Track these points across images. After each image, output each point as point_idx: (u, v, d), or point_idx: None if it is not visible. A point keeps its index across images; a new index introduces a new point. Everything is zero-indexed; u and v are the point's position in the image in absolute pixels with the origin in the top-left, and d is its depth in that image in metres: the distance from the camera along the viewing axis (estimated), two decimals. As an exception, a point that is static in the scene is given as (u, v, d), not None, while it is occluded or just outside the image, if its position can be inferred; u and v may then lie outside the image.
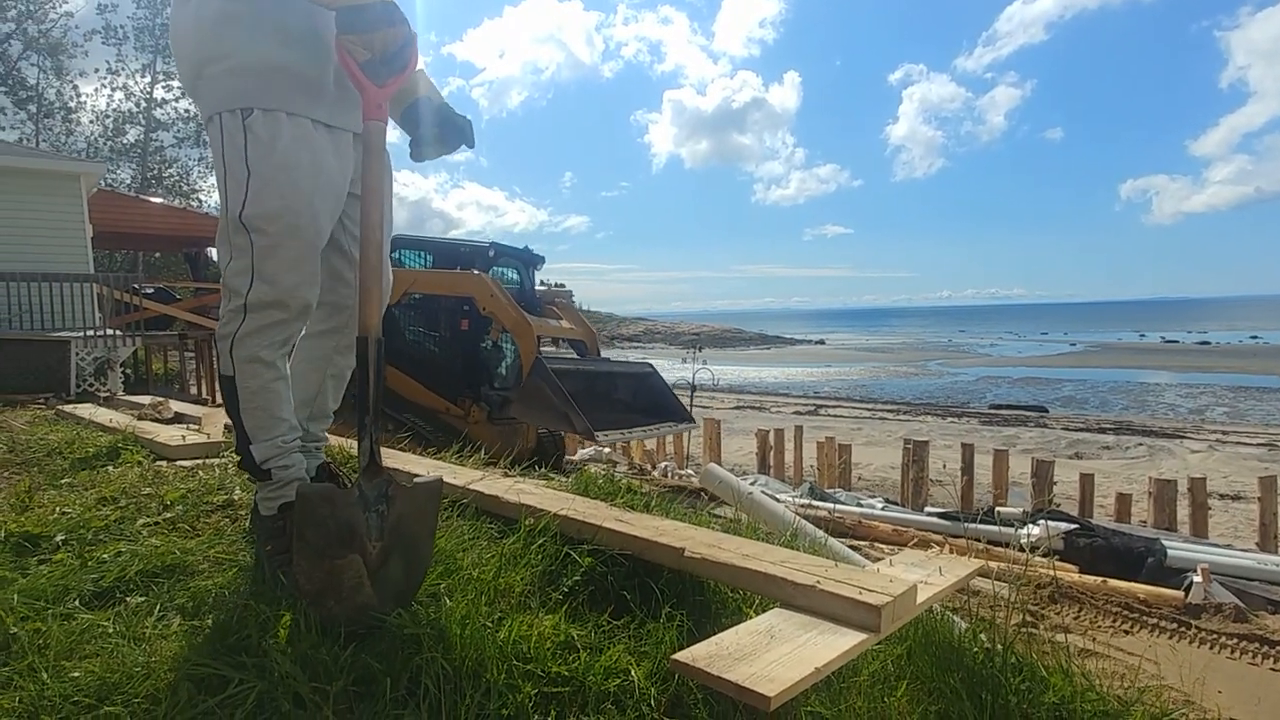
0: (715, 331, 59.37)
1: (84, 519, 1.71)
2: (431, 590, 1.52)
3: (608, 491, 2.17)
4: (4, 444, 2.99)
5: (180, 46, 1.48)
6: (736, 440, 13.84)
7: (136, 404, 4.06)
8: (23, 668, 1.17)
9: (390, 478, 1.39)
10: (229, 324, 1.50)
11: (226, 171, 1.45)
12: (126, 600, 1.40)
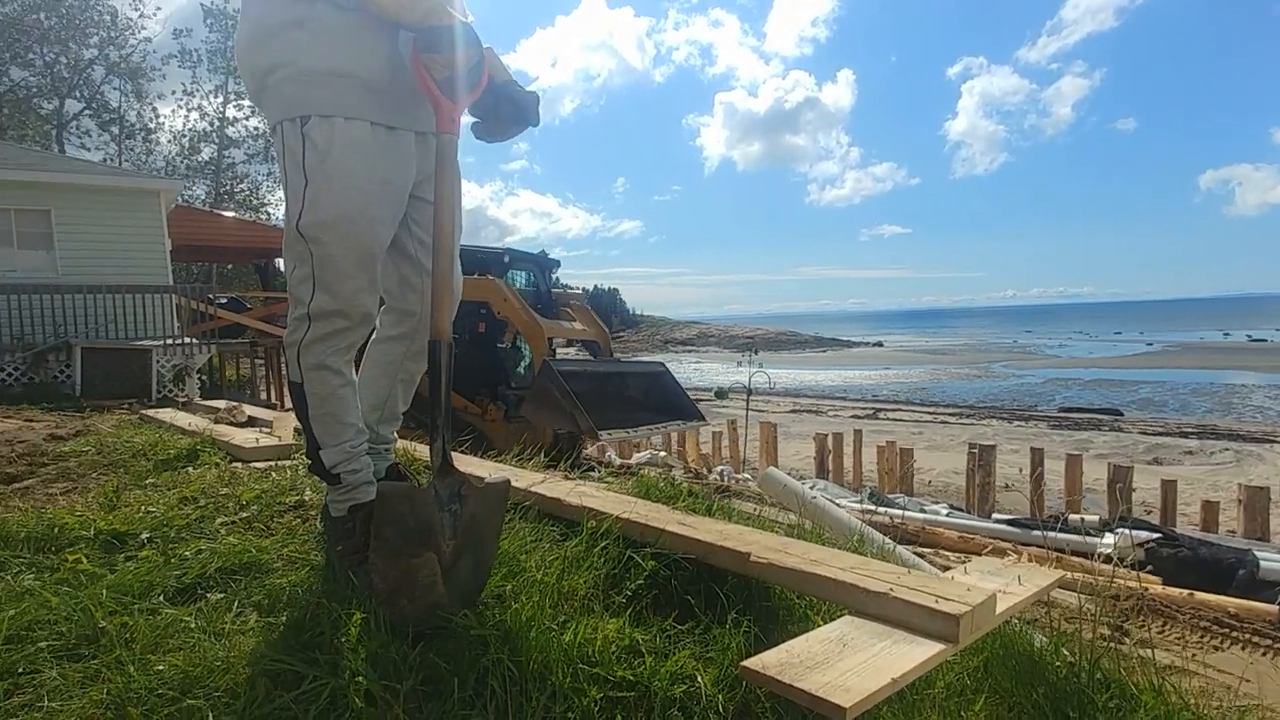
0: (770, 334, 58.72)
1: (167, 518, 1.78)
2: (496, 592, 1.53)
3: (669, 495, 2.15)
4: (93, 446, 3.15)
5: (244, 58, 1.52)
6: (793, 444, 13.65)
7: (213, 408, 4.23)
8: (110, 661, 1.22)
9: (464, 478, 1.41)
10: (295, 332, 1.54)
11: (287, 180, 1.48)
12: (207, 596, 1.45)
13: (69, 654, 1.23)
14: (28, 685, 1.16)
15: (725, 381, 29.12)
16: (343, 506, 1.60)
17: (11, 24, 27.92)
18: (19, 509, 2.34)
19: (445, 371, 1.45)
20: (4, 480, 2.85)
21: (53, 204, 13.63)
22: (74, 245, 13.79)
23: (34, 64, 29.46)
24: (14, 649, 1.21)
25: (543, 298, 8.82)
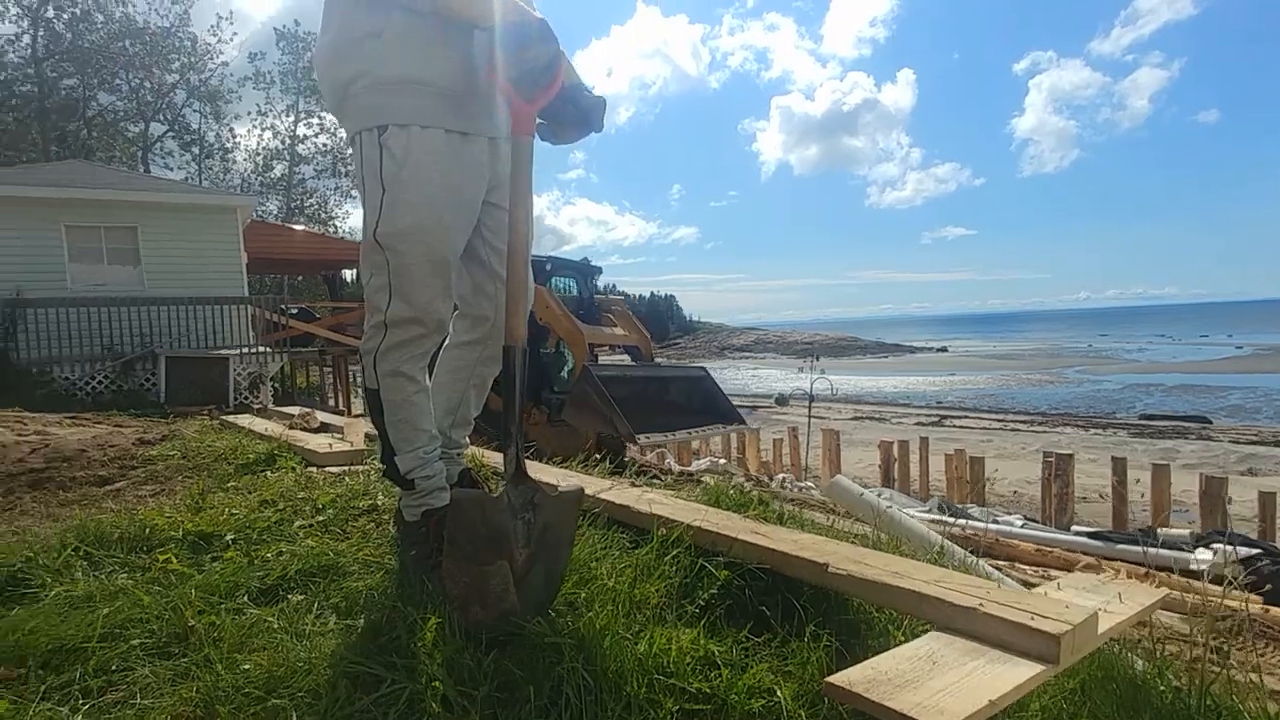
0: (829, 340, 57.75)
1: (249, 520, 1.83)
2: (568, 599, 1.52)
3: (739, 503, 2.11)
4: (178, 451, 3.28)
5: (324, 71, 1.56)
6: (855, 452, 13.35)
7: (287, 414, 4.37)
8: (199, 659, 1.25)
9: (537, 485, 1.40)
10: (371, 339, 1.55)
11: (365, 190, 1.50)
12: (288, 598, 1.47)
13: (160, 652, 1.27)
14: (121, 682, 1.19)
15: (785, 388, 28.73)
16: (416, 511, 1.61)
17: (99, 52, 29.69)
18: (111, 510, 2.45)
19: (520, 377, 1.44)
20: (97, 483, 3.00)
21: (139, 221, 14.39)
22: (158, 260, 14.52)
23: (121, 89, 31.27)
24: (109, 646, 1.25)
25: (585, 304, 9.03)
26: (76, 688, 1.16)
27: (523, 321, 1.45)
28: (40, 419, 7.32)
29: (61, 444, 4.44)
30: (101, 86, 30.81)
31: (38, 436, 5.54)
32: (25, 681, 1.18)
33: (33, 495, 2.83)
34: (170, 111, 32.52)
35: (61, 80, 29.76)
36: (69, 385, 12.73)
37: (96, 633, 1.26)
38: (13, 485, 3.04)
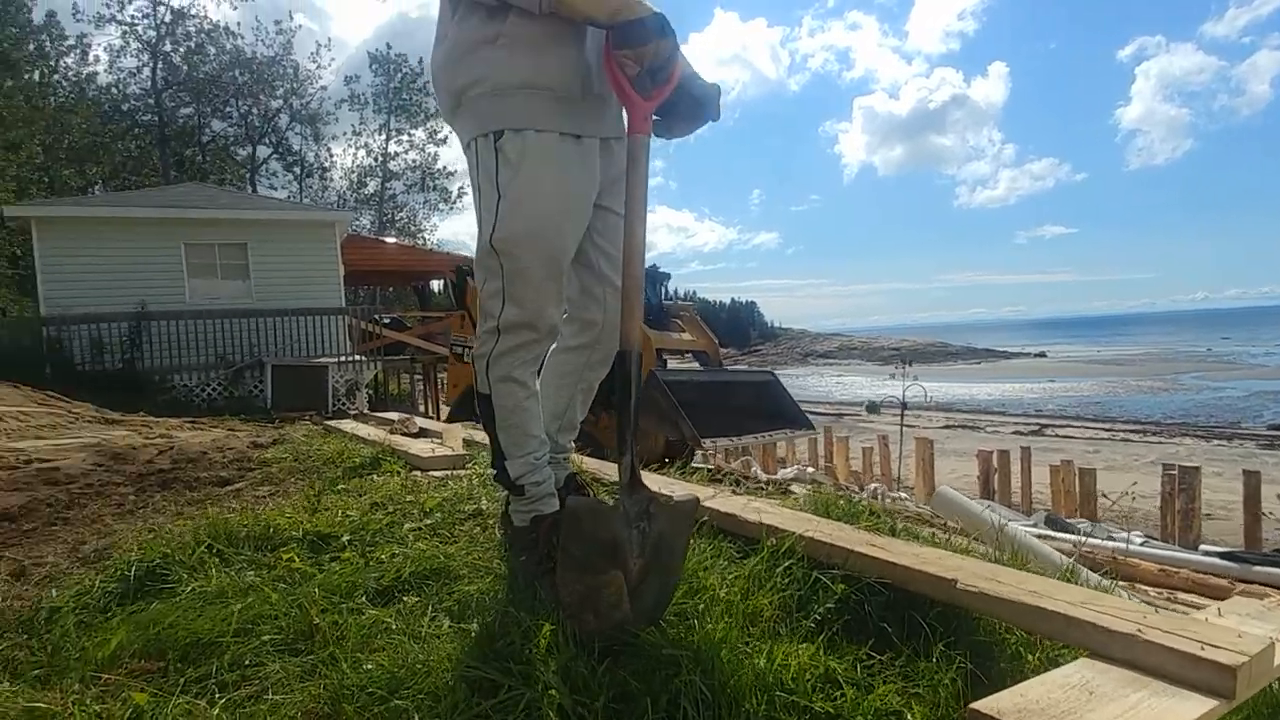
0: (917, 345, 55.78)
1: (363, 522, 1.87)
2: (679, 609, 1.48)
3: (848, 514, 2.02)
4: (290, 454, 3.43)
5: (440, 78, 1.58)
6: (948, 462, 12.80)
7: (387, 420, 4.52)
8: (325, 657, 1.27)
9: (652, 494, 1.37)
10: (484, 345, 1.55)
11: (480, 196, 1.50)
12: (404, 599, 1.49)
13: (289, 648, 1.30)
14: (254, 677, 1.23)
15: (871, 395, 27.93)
16: (525, 517, 1.61)
17: (212, 82, 31.89)
18: (234, 509, 2.58)
19: (635, 383, 1.42)
20: (219, 483, 3.16)
21: (249, 238, 15.31)
22: (265, 274, 15.41)
23: (231, 116, 33.49)
24: (241, 642, 1.29)
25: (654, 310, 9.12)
26: (213, 681, 1.20)
27: (638, 326, 1.43)
28: (163, 423, 7.86)
29: (185, 447, 4.74)
30: (214, 114, 33.09)
31: (162, 439, 5.93)
32: (165, 674, 1.23)
33: (162, 494, 3.02)
34: (275, 135, 34.58)
35: (179, 109, 32.12)
36: (186, 392, 13.66)
37: (231, 628, 1.30)
38: (144, 485, 3.25)
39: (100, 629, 1.38)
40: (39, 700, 1.14)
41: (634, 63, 1.39)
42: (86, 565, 1.83)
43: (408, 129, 36.68)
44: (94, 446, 5.30)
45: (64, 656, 1.30)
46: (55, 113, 27.65)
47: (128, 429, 7.10)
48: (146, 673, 1.22)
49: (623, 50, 1.38)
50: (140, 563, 1.58)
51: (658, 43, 1.37)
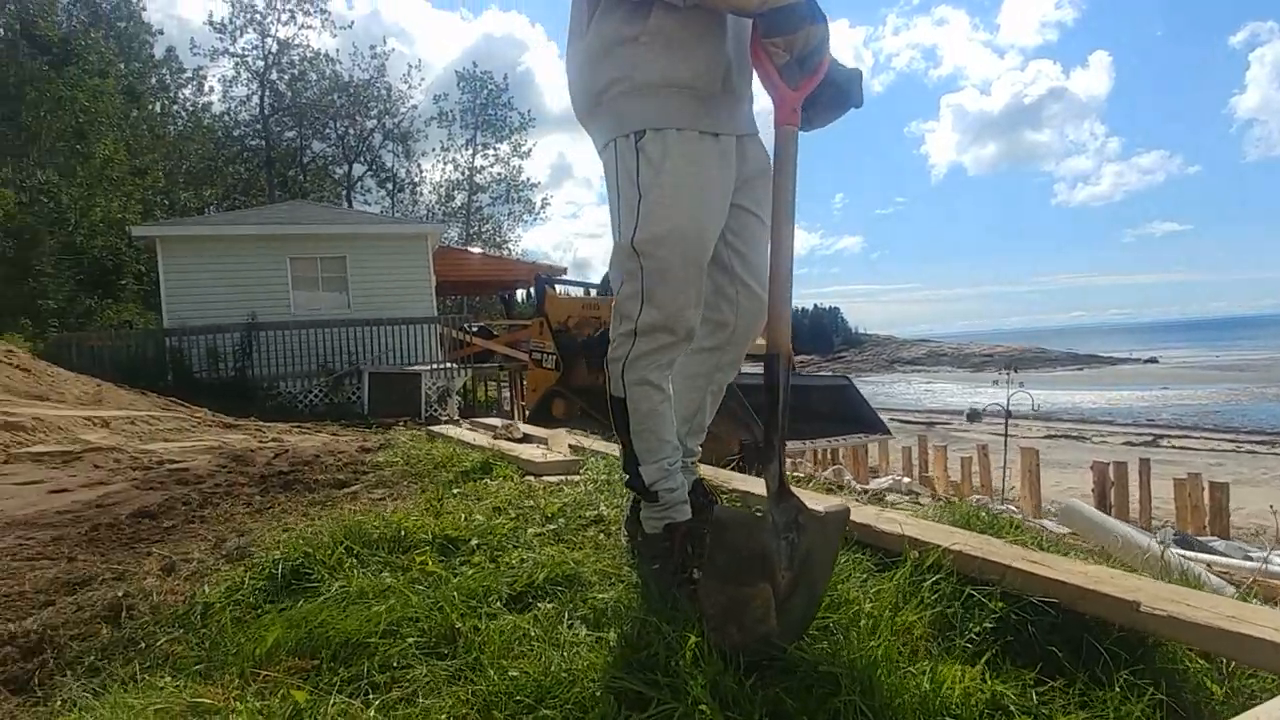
0: (1012, 351, 53.10)
1: (489, 526, 1.88)
2: (820, 624, 1.40)
3: (989, 525, 1.89)
4: (401, 458, 3.52)
5: (578, 79, 1.56)
6: (1051, 474, 12.08)
7: (490, 425, 4.59)
8: (469, 662, 1.26)
9: (801, 505, 1.31)
10: (620, 347, 1.53)
11: (620, 197, 1.47)
12: (538, 606, 1.47)
13: (432, 651, 1.30)
14: (403, 679, 1.23)
15: (963, 402, 26.79)
16: (658, 524, 1.57)
17: (313, 106, 33.72)
18: (353, 510, 2.65)
19: (784, 388, 1.36)
20: (336, 485, 3.27)
21: (348, 251, 16.04)
22: (363, 285, 16.10)
23: (330, 137, 35.30)
24: (389, 643, 1.30)
25: None
26: (365, 682, 1.20)
27: (787, 329, 1.37)
28: (273, 427, 8.29)
29: (298, 450, 4.96)
30: (314, 136, 34.97)
31: (275, 443, 6.24)
32: (319, 673, 1.24)
33: (285, 495, 3.14)
34: (369, 153, 36.23)
35: (283, 133, 34.09)
36: (291, 398, 14.40)
37: (379, 629, 1.31)
38: (267, 486, 3.40)
39: (253, 625, 1.41)
40: (203, 695, 1.17)
41: (784, 51, 1.34)
42: (230, 562, 1.91)
43: (493, 143, 37.79)
44: (216, 449, 5.62)
45: (222, 652, 1.34)
46: (175, 140, 29.84)
47: (243, 433, 7.52)
48: (301, 670, 1.24)
49: (772, 38, 1.33)
50: (285, 561, 1.62)
51: (809, 29, 1.32)
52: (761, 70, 1.38)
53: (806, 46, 1.34)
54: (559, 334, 9.29)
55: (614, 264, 1.52)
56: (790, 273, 1.39)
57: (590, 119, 1.55)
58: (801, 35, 1.33)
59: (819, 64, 1.37)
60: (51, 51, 21.96)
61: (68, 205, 21.31)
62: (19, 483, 3.72)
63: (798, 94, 1.36)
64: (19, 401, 6.82)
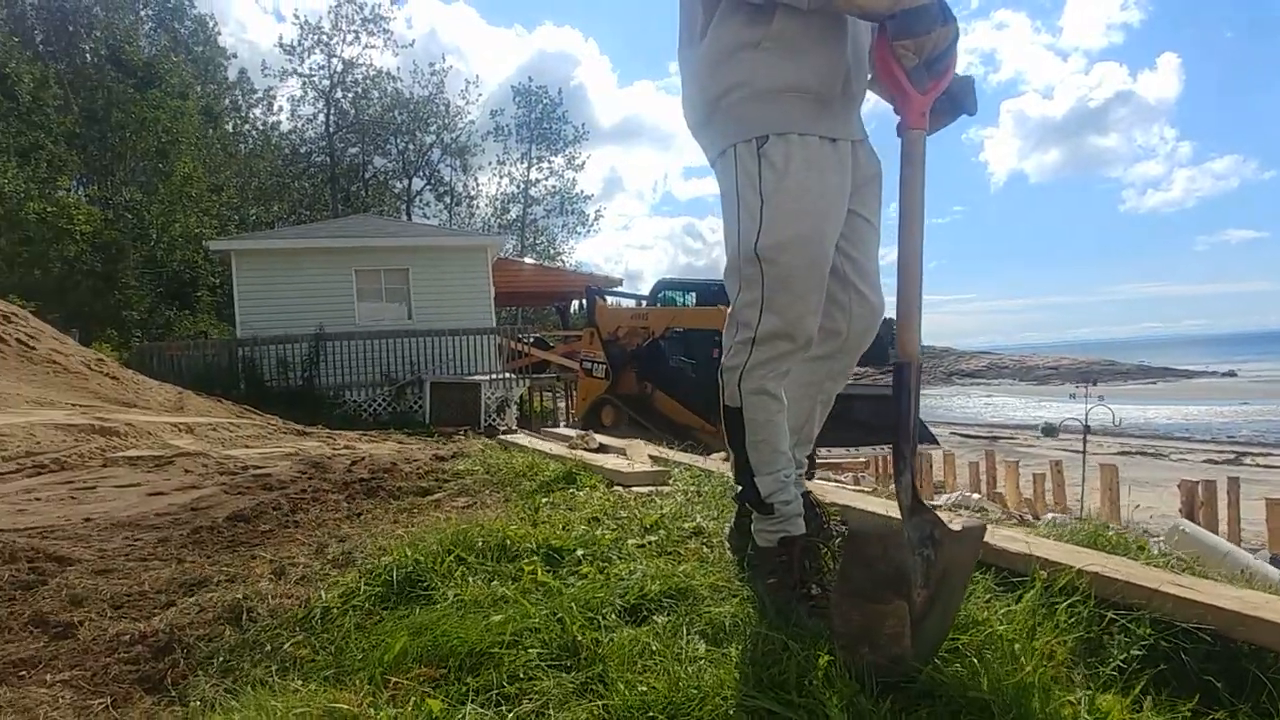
0: (1079, 364, 51.12)
1: (591, 536, 1.86)
2: (949, 646, 1.34)
3: (1117, 546, 1.80)
4: (480, 466, 3.55)
5: (693, 85, 1.55)
6: (1129, 492, 11.56)
7: (563, 435, 4.60)
8: (594, 675, 1.24)
9: (937, 519, 1.26)
10: (737, 356, 1.51)
11: (740, 203, 1.46)
12: (654, 619, 1.45)
13: (556, 664, 1.28)
14: (531, 691, 1.21)
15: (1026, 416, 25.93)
16: (773, 538, 1.53)
17: (375, 123, 34.80)
18: (438, 517, 2.68)
19: (915, 396, 1.33)
20: (419, 493, 3.32)
21: (410, 263, 16.43)
22: (424, 296, 16.47)
23: (390, 153, 36.37)
24: (512, 654, 1.29)
25: None
26: (495, 693, 1.20)
27: (915, 336, 1.33)
28: (343, 435, 8.50)
29: (375, 457, 5.06)
30: (376, 152, 36.08)
31: (348, 450, 6.39)
32: (448, 682, 1.24)
33: (371, 502, 3.20)
34: (428, 168, 37.22)
35: (347, 149, 35.27)
36: (356, 406, 14.80)
37: (502, 639, 1.30)
38: (351, 492, 3.47)
39: (375, 631, 1.42)
40: (339, 701, 1.18)
41: (913, 54, 1.31)
42: (338, 567, 1.94)
43: (547, 156, 38.38)
44: (293, 455, 5.78)
45: (349, 657, 1.36)
46: (246, 158, 31.14)
47: (316, 440, 7.73)
48: (430, 679, 1.24)
49: (902, 41, 1.30)
50: (398, 568, 1.64)
51: (939, 31, 1.30)
52: (888, 73, 1.34)
53: (936, 49, 1.32)
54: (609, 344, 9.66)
55: (730, 271, 1.51)
56: (920, 278, 1.35)
57: (706, 125, 1.54)
58: (932, 37, 1.30)
59: (947, 67, 1.34)
60: (136, 75, 23.21)
61: (150, 221, 22.45)
62: (119, 485, 3.88)
63: (926, 97, 1.33)
64: (111, 408, 7.16)
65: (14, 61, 21.00)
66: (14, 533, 2.64)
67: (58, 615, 1.69)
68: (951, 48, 1.34)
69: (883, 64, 1.34)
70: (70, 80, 22.96)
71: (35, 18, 25.01)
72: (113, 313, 20.93)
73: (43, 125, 21.13)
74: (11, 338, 8.05)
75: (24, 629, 1.65)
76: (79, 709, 1.31)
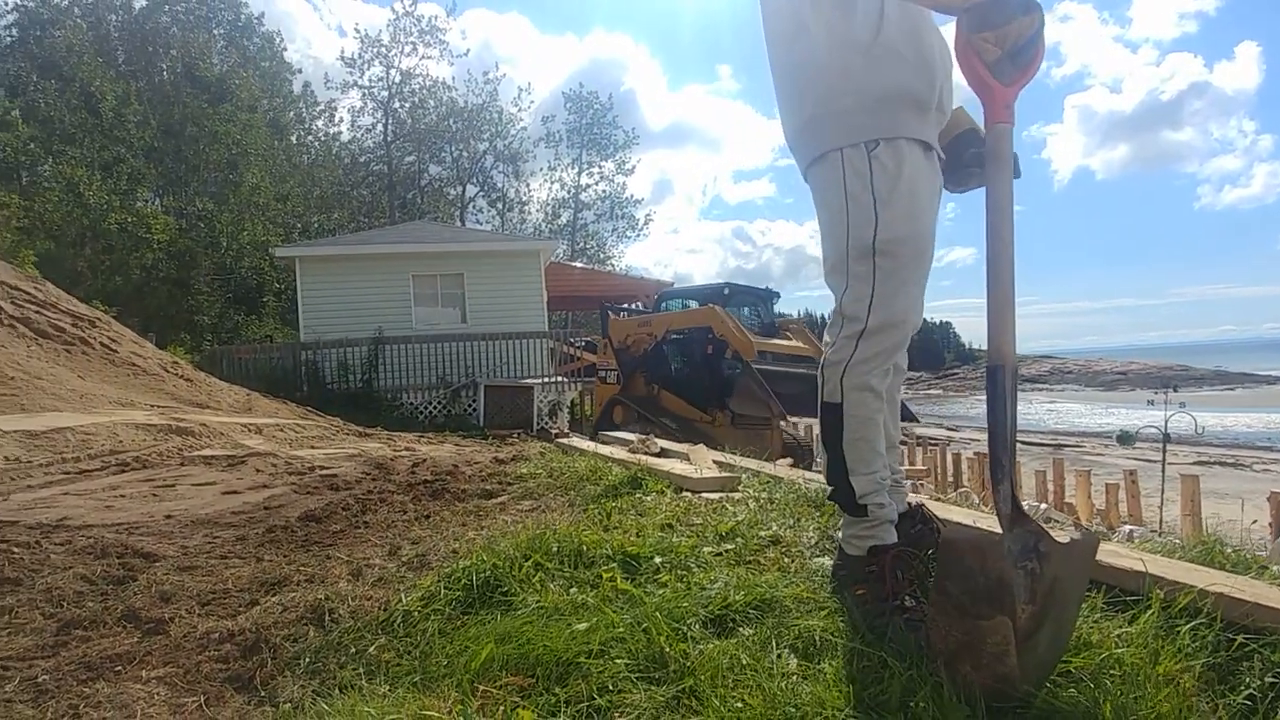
0: (1148, 369, 48.89)
1: (668, 543, 1.82)
2: (1062, 669, 1.26)
3: (1239, 563, 1.67)
4: (543, 470, 3.55)
5: (793, 85, 1.54)
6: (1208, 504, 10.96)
7: (623, 439, 4.58)
8: (685, 688, 1.20)
9: (1041, 529, 1.19)
10: (842, 350, 1.50)
11: (848, 202, 1.45)
12: (739, 631, 1.40)
13: (645, 676, 1.24)
14: (621, 704, 1.18)
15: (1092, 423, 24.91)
16: (863, 545, 1.48)
17: (431, 131, 35.56)
18: (505, 520, 2.67)
19: (1009, 401, 1.25)
20: (484, 495, 3.33)
21: (465, 268, 16.70)
22: (478, 300, 16.71)
23: (445, 160, 37.10)
24: (600, 663, 1.26)
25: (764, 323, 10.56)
26: (585, 705, 1.16)
27: (1008, 339, 1.27)
28: (402, 437, 8.66)
29: (436, 460, 5.13)
30: (431, 159, 36.85)
31: (408, 452, 6.49)
32: (537, 692, 1.21)
33: (437, 504, 3.22)
34: (481, 174, 37.83)
35: (404, 158, 36.12)
36: (412, 409, 15.07)
37: (588, 649, 1.27)
38: (417, 495, 3.51)
39: (459, 637, 1.41)
40: (429, 708, 1.16)
41: (994, 46, 1.26)
42: (412, 569, 1.94)
43: (598, 161, 38.64)
44: (356, 456, 5.90)
45: (435, 663, 1.34)
46: (309, 168, 32.18)
47: (376, 441, 7.89)
48: (519, 688, 1.21)
49: (982, 33, 1.26)
50: (476, 573, 1.63)
51: (1022, 20, 1.25)
52: (969, 67, 1.30)
53: (1020, 39, 1.27)
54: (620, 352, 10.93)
55: (836, 270, 1.50)
56: (1012, 281, 1.29)
57: (809, 128, 1.52)
58: (1014, 27, 1.26)
59: (1032, 58, 1.29)
60: (209, 91, 24.23)
61: (220, 230, 23.39)
62: (196, 484, 4.01)
63: (1011, 89, 1.29)
64: (186, 409, 7.44)
65: (99, 80, 22.16)
66: (103, 528, 2.74)
67: (149, 611, 1.73)
68: (1036, 38, 1.28)
69: (963, 57, 1.31)
70: (149, 97, 24.09)
71: (118, 39, 26.34)
72: (186, 317, 21.87)
73: (124, 140, 22.22)
74: (96, 341, 8.44)
75: (118, 624, 1.69)
76: (173, 706, 1.32)
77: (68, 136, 21.00)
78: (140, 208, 22.75)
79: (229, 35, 29.45)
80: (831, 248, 1.49)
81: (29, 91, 22.00)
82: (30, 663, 1.52)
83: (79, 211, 19.76)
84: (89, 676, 1.44)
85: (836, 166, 1.45)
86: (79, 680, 1.42)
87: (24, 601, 1.88)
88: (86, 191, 19.75)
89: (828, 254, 1.50)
